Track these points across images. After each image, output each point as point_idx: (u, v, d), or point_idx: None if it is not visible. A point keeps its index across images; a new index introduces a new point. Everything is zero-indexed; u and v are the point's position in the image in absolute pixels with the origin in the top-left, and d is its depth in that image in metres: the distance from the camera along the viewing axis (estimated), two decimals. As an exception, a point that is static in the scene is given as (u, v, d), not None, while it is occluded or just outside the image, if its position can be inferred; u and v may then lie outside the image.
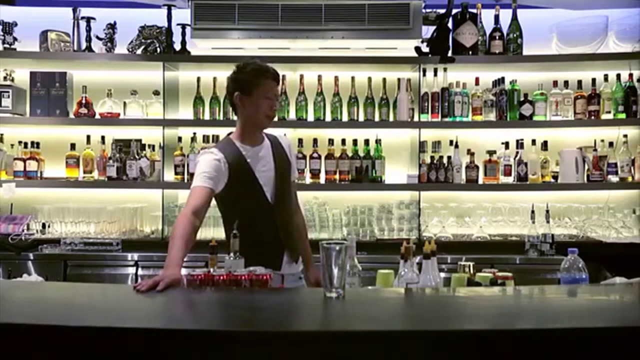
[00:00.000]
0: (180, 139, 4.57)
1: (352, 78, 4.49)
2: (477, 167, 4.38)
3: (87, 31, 4.46)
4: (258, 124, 2.84)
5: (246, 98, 2.78)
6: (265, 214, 2.83)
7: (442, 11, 4.23)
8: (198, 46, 4.53)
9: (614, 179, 4.40)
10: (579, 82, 4.44)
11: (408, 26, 4.31)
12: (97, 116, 4.45)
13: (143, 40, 4.42)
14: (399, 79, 4.45)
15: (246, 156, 2.81)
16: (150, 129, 4.48)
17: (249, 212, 2.78)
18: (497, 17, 4.46)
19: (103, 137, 4.49)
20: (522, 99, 4.43)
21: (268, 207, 2.83)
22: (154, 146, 4.50)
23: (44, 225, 4.36)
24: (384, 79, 4.49)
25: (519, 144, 4.41)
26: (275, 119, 2.99)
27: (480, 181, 4.41)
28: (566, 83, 4.47)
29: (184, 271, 2.36)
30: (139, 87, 4.50)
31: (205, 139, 4.40)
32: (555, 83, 4.44)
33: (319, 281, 2.64)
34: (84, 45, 4.48)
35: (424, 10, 4.34)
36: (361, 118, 4.49)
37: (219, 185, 2.73)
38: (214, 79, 4.48)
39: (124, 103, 4.49)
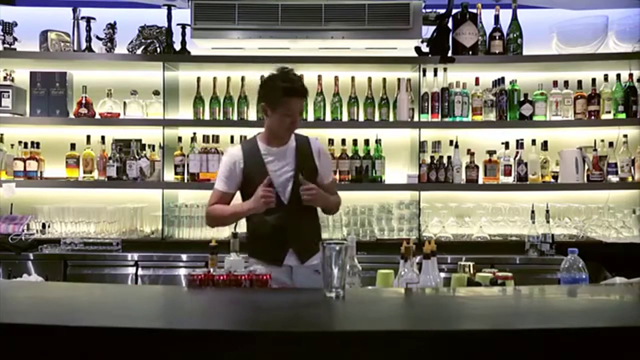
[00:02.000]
0: (180, 139, 4.56)
1: (352, 78, 4.49)
2: (477, 167, 4.38)
3: (87, 31, 4.46)
4: (279, 135, 2.98)
5: (271, 111, 2.93)
6: (276, 213, 2.89)
7: (442, 11, 4.21)
8: (198, 46, 4.53)
9: (614, 179, 4.40)
10: (579, 82, 4.44)
11: (408, 26, 4.31)
12: (97, 116, 4.45)
13: (143, 40, 4.42)
14: (399, 79, 4.45)
15: (265, 156, 2.96)
16: (150, 129, 4.48)
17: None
18: (497, 17, 4.46)
19: (103, 137, 4.49)
20: (522, 99, 4.43)
21: (280, 206, 2.89)
22: (154, 146, 4.50)
23: (44, 225, 4.35)
24: (384, 79, 4.49)
25: (519, 144, 4.40)
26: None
27: (480, 181, 4.40)
28: (566, 83, 4.47)
29: (184, 271, 2.37)
30: (139, 87, 4.50)
31: (205, 139, 4.40)
32: (555, 83, 4.44)
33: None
34: (84, 45, 4.48)
35: (424, 10, 4.33)
36: (361, 118, 4.49)
37: (234, 184, 2.99)
38: (214, 79, 4.48)
39: (124, 103, 4.49)
